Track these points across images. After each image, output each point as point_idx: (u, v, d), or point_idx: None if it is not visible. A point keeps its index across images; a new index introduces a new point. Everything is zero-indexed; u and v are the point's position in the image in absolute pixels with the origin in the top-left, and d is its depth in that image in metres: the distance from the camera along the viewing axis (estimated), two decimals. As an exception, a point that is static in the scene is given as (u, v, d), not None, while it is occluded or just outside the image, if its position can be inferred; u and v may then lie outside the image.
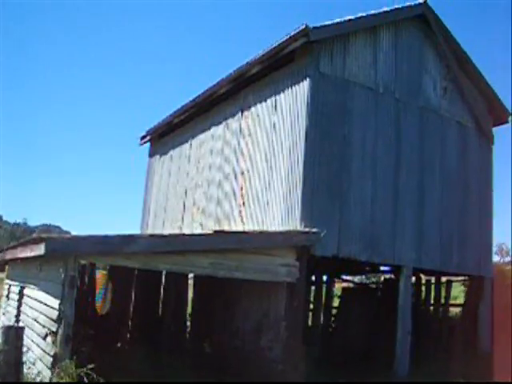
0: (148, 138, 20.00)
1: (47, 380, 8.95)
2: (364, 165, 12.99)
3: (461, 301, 18.87)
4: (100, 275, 14.73)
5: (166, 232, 15.08)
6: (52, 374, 8.82)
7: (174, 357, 11.41)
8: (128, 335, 14.23)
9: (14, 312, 14.43)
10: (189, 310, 15.26)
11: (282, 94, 13.00)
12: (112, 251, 9.18)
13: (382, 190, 13.27)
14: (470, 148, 15.68)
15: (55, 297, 9.47)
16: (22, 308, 13.62)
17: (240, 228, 13.25)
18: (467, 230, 15.34)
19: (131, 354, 12.15)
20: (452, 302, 18.15)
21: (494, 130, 16.60)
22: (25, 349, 9.73)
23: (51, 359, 9.04)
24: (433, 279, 17.45)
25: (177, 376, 9.84)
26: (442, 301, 17.26)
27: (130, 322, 14.42)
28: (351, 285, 20.25)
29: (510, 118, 16.68)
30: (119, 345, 13.74)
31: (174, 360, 11.09)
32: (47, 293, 10.31)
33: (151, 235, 10.35)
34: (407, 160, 13.85)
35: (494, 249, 18.41)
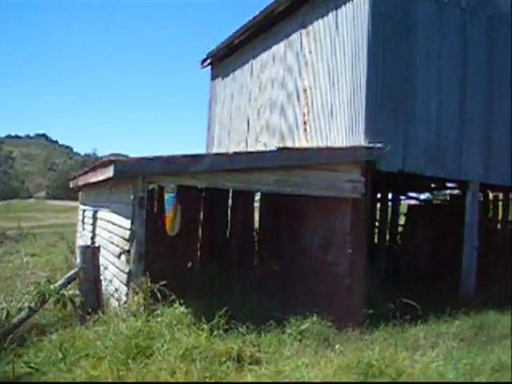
0: (209, 60, 19.90)
1: (124, 294, 9.43)
2: (429, 79, 12.62)
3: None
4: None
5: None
6: (128, 289, 9.27)
7: (242, 275, 11.70)
8: (198, 255, 14.64)
9: (90, 235, 15.10)
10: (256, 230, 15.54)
11: (343, 8, 12.63)
12: (178, 171, 9.39)
13: (448, 103, 12.91)
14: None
15: (126, 217, 9.84)
16: (97, 230, 14.23)
17: (304, 145, 13.25)
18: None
19: (201, 272, 12.54)
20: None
21: None
22: (102, 268, 10.27)
23: (126, 276, 9.48)
24: (501, 195, 17.15)
25: (244, 292, 10.13)
26: (510, 218, 17.01)
27: (199, 243, 14.80)
28: (417, 202, 20.10)
29: None
30: (190, 264, 14.16)
31: (242, 278, 11.36)
32: (119, 214, 10.72)
33: (216, 154, 10.55)
34: (474, 73, 13.35)
35: None
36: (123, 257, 9.89)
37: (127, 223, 9.70)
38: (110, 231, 11.72)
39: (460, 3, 13.11)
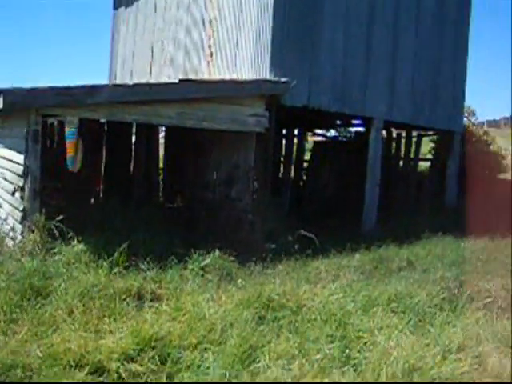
0: (112, -14, 18.99)
1: (19, 233, 9.02)
2: (337, 15, 12.54)
3: (430, 157, 19.18)
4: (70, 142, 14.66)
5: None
6: (23, 227, 8.86)
7: (145, 210, 11.46)
8: (100, 191, 14.25)
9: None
10: (161, 166, 15.25)
11: None
12: (75, 103, 8.87)
13: (354, 41, 12.92)
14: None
15: (20, 152, 9.31)
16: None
17: (208, 78, 12.94)
18: (440, 84, 15.26)
19: (103, 208, 12.19)
20: (421, 157, 18.43)
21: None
22: (-4, 206, 9.77)
23: (21, 214, 9.04)
24: (403, 134, 17.57)
25: (147, 228, 9.93)
26: (412, 155, 17.50)
27: (102, 179, 14.39)
28: (323, 139, 20.29)
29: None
30: (92, 201, 13.78)
31: (145, 213, 11.13)
32: (12, 149, 10.12)
33: (115, 85, 10.09)
34: (382, 9, 13.39)
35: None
36: (17, 194, 9.41)
37: (20, 158, 9.19)
38: (2, 167, 11.12)
39: None
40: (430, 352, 5.42)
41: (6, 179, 10.49)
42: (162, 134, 16.10)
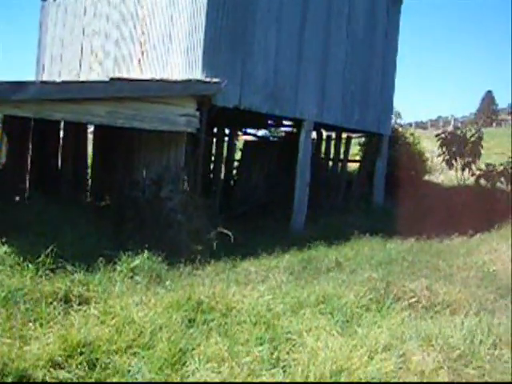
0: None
1: None
2: (270, 15, 12.63)
3: (359, 159, 19.56)
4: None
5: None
6: None
7: (73, 209, 11.21)
8: (26, 189, 13.85)
9: None
10: (89, 163, 14.96)
11: None
12: (-1, 99, 8.61)
13: (287, 42, 13.05)
14: (378, 7, 15.63)
15: None
16: None
17: (139, 77, 12.78)
18: (369, 89, 15.62)
19: (28, 207, 11.86)
20: (350, 159, 18.78)
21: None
22: None
23: None
24: (333, 135, 17.86)
25: (75, 227, 9.72)
26: (341, 156, 17.81)
27: (27, 177, 13.99)
28: (254, 138, 20.36)
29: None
30: (17, 199, 13.38)
31: (73, 212, 10.89)
32: None
33: (43, 82, 9.83)
34: (314, 13, 13.58)
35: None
36: None
37: None
38: None
39: None
40: (356, 352, 5.53)
41: None
42: (90, 130, 15.79)
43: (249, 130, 19.88)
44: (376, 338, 5.94)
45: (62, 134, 14.35)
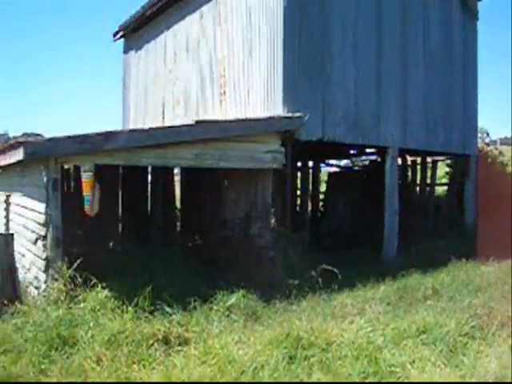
0: (121, 33, 19.15)
1: (42, 281, 9.02)
2: (346, 45, 12.65)
3: (446, 181, 19.10)
4: (86, 181, 14.64)
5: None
6: (46, 276, 8.86)
7: (165, 252, 11.44)
8: (119, 235, 14.25)
9: (3, 221, 14.39)
10: (177, 205, 15.26)
11: (258, -24, 12.42)
12: (92, 149, 8.93)
13: (365, 71, 13.01)
14: (453, 25, 15.37)
15: (41, 201, 9.35)
16: (10, 216, 13.56)
17: (222, 118, 13.03)
18: (452, 109, 15.31)
19: (123, 252, 12.19)
20: (438, 182, 18.37)
21: (480, 4, 16.27)
22: (19, 256, 9.77)
23: (44, 262, 9.05)
24: (418, 160, 17.55)
25: (168, 269, 9.92)
26: (428, 180, 17.44)
27: (120, 223, 14.40)
28: (338, 169, 20.28)
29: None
30: (111, 245, 13.77)
31: (165, 255, 11.11)
32: (33, 198, 10.18)
33: (131, 130, 10.12)
34: (389, 40, 13.52)
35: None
36: (40, 242, 9.42)
37: (41, 207, 9.23)
38: (24, 216, 11.17)
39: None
40: (466, 384, 5.33)
41: (28, 228, 10.53)
42: (177, 171, 16.13)
43: (331, 161, 19.82)
44: (485, 368, 5.70)
45: (150, 178, 14.71)
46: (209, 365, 6.06)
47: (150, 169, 14.29)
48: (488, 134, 23.15)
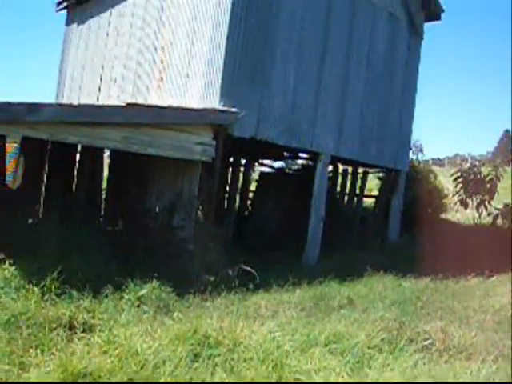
0: (65, 4, 18.57)
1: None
2: (289, 48, 12.62)
3: (375, 193, 19.35)
4: (10, 147, 14.12)
5: (80, 104, 14.40)
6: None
7: (84, 233, 11.10)
8: (39, 211, 13.78)
9: None
10: (104, 187, 14.90)
11: (207, -34, 12.23)
12: (14, 119, 8.50)
13: (306, 75, 13.01)
14: (399, 41, 15.59)
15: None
16: None
17: (157, 103, 12.77)
18: (387, 123, 15.51)
19: (40, 230, 11.77)
20: (367, 193, 18.59)
21: (426, 26, 16.54)
22: None
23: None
24: (350, 169, 17.71)
25: (85, 252, 9.59)
26: (357, 191, 17.62)
27: (41, 199, 13.94)
28: (269, 169, 20.25)
29: (442, 16, 16.61)
30: (30, 221, 13.31)
31: (84, 236, 10.77)
32: None
33: (59, 104, 9.81)
34: (334, 47, 13.57)
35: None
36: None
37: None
38: None
39: (327, -24, 13.19)
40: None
41: None
42: (107, 154, 15.76)
43: (265, 162, 19.79)
44: (387, 382, 5.71)
45: (78, 156, 14.31)
46: (110, 355, 5.84)
47: (79, 147, 13.89)
48: (422, 150, 23.54)
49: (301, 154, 17.54)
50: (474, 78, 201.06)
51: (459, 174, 18.01)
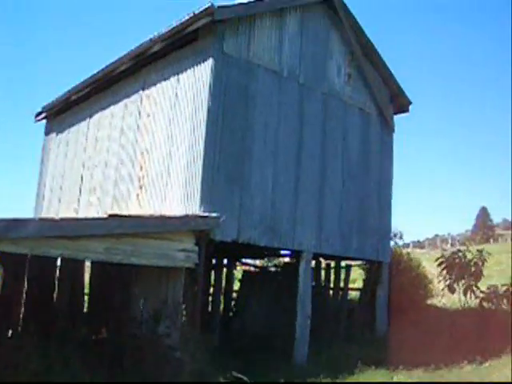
0: (44, 114, 18.95)
1: None
2: (266, 149, 12.93)
3: (359, 283, 19.31)
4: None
5: (61, 215, 14.42)
6: None
7: (66, 346, 10.84)
8: (19, 324, 13.49)
9: None
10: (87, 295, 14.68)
11: (184, 74, 12.67)
12: (-4, 236, 8.50)
13: (284, 175, 13.27)
14: (371, 135, 15.99)
15: None
16: None
17: (138, 212, 12.84)
18: (367, 216, 15.65)
19: (20, 344, 11.48)
20: (351, 285, 18.55)
21: (396, 118, 17.00)
22: None
23: None
24: (332, 263, 17.70)
25: (66, 367, 9.35)
26: (342, 284, 17.55)
27: (22, 310, 13.67)
28: (252, 268, 20.19)
29: (410, 107, 17.13)
30: (10, 333, 13.00)
31: (66, 350, 10.51)
32: None
33: (41, 219, 9.79)
34: (309, 146, 13.93)
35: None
36: None
37: None
38: None
39: (298, 79, 13.73)
40: None
41: None
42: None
43: (247, 260, 19.75)
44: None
45: (59, 263, 14.16)
46: None
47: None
48: (402, 237, 23.66)
49: (283, 252, 17.56)
50: (447, 160, 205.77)
51: (443, 259, 18.05)
